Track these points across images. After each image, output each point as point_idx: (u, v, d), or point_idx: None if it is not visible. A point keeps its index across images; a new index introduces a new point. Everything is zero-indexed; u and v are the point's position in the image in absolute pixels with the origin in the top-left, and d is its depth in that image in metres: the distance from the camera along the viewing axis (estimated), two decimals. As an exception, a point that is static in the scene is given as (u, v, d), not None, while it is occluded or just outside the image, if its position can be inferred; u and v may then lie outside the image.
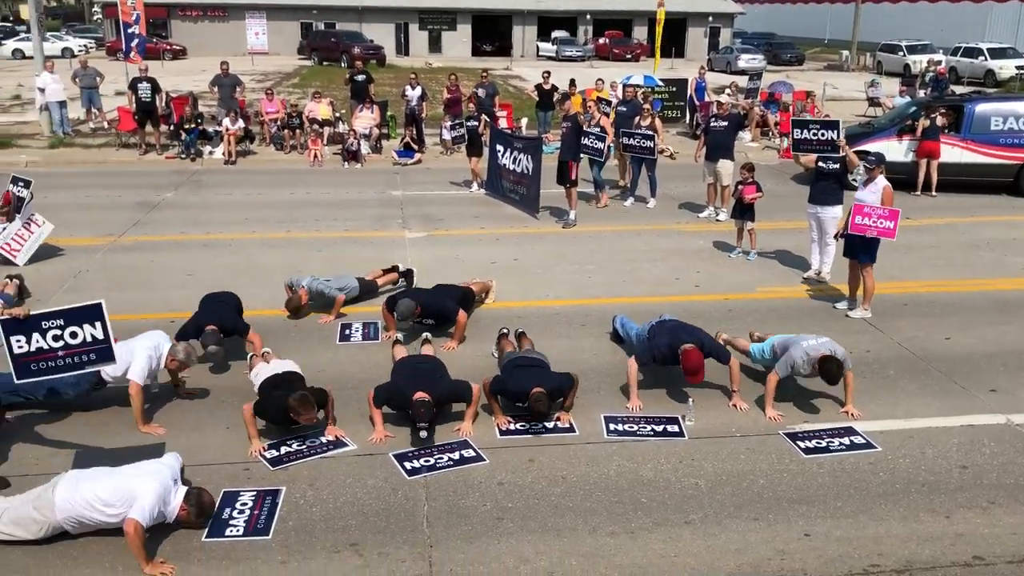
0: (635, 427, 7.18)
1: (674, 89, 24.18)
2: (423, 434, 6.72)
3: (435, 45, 56.78)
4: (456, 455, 6.69)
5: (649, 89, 21.77)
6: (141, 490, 5.37)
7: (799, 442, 6.97)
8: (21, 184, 11.84)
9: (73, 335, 6.02)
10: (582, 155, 14.33)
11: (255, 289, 9.99)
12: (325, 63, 45.82)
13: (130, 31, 22.69)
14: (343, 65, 41.84)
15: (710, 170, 14.15)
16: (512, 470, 6.50)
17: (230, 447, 6.76)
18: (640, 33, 58.01)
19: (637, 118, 15.31)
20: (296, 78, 38.38)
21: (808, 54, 55.93)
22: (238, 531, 5.70)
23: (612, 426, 7.17)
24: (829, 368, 7.15)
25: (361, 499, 6.12)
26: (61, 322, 6.00)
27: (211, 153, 19.21)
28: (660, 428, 7.17)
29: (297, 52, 51.52)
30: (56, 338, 5.99)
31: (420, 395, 6.84)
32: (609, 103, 18.95)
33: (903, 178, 15.87)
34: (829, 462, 6.70)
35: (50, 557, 5.40)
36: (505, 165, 15.42)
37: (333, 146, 19.94)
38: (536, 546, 5.59)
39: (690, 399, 7.34)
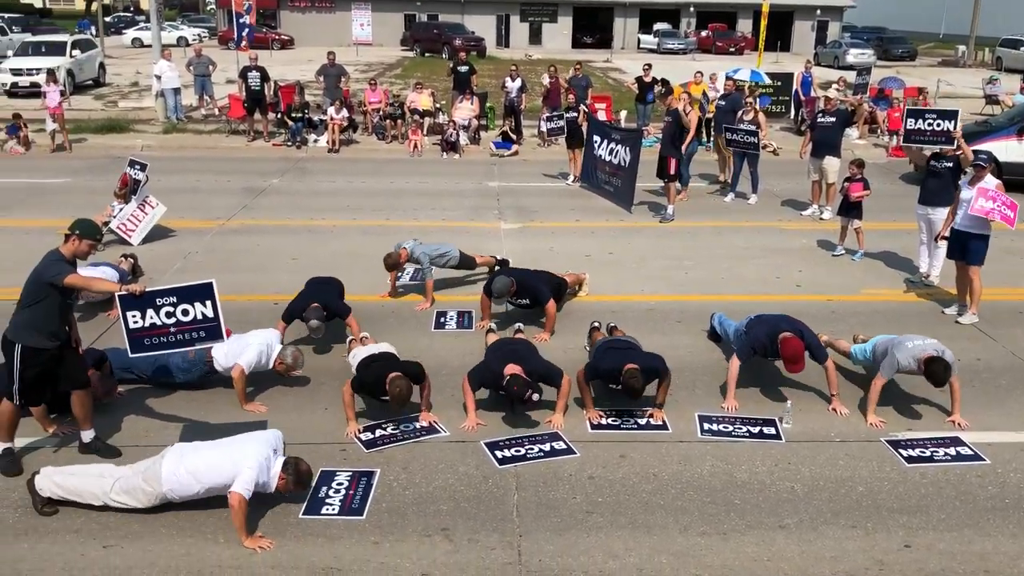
0: (730, 427, 7.05)
1: (779, 83, 23.63)
2: (536, 396, 6.78)
3: (535, 37, 56.89)
4: (547, 447, 6.71)
5: (754, 84, 21.35)
6: (243, 462, 5.54)
7: (901, 450, 6.73)
8: (138, 167, 12.36)
9: (185, 312, 6.24)
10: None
11: (355, 274, 10.19)
12: (427, 54, 46.40)
13: (241, 21, 23.46)
14: (444, 56, 42.31)
15: (815, 167, 13.77)
16: (603, 465, 6.47)
17: (327, 428, 6.93)
18: (744, 26, 56.91)
19: (740, 112, 15.02)
20: (399, 69, 38.98)
21: (921, 49, 53.91)
22: (334, 510, 5.85)
23: (706, 425, 7.07)
24: (935, 369, 6.87)
25: (452, 485, 6.19)
26: (174, 299, 6.22)
27: (315, 141, 19.69)
28: (756, 430, 7.03)
29: (400, 43, 52.30)
30: (169, 315, 6.22)
31: (510, 367, 6.89)
32: (706, 95, 18.66)
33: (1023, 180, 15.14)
34: (933, 472, 6.45)
35: (158, 527, 5.64)
36: (601, 156, 15.33)
37: (432, 136, 20.19)
38: (626, 542, 5.56)
39: (788, 401, 7.16)
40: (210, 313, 6.26)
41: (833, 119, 13.71)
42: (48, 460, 6.30)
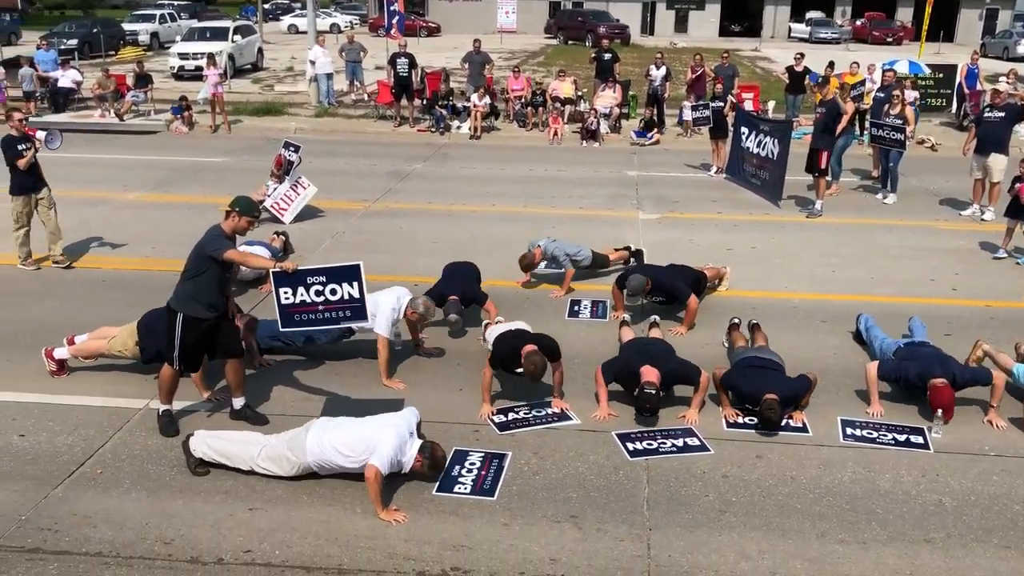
0: (874, 434, 6.75)
1: (940, 75, 22.36)
2: (647, 415, 6.74)
3: (681, 25, 55.83)
4: (680, 442, 6.61)
5: (913, 77, 20.31)
6: (381, 440, 5.72)
7: (1066, 470, 6.29)
8: (292, 149, 12.89)
9: (333, 292, 6.47)
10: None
11: (492, 259, 10.31)
12: (570, 42, 46.33)
13: (392, 8, 24.01)
14: (587, 44, 42.14)
15: (979, 164, 12.96)
16: (738, 464, 6.33)
17: (462, 408, 7.05)
18: (904, 15, 54.05)
19: (886, 106, 14.29)
20: (541, 56, 39.10)
21: (1105, 39, 49.71)
22: (466, 489, 5.96)
23: (849, 430, 6.79)
24: None
25: (583, 473, 6.20)
26: (323, 279, 6.45)
27: (458, 128, 20.02)
28: (903, 438, 6.70)
29: (544, 31, 52.41)
30: (318, 293, 6.47)
31: (647, 371, 6.80)
32: (863, 82, 17.85)
33: None
34: (1102, 496, 6.00)
35: (301, 494, 5.90)
36: (749, 148, 14.93)
37: (573, 124, 20.16)
38: (759, 544, 5.42)
39: (939, 410, 6.80)
40: (356, 294, 6.46)
41: (1001, 114, 12.87)
42: (202, 423, 6.68)
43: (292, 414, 6.81)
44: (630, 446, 6.55)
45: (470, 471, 6.16)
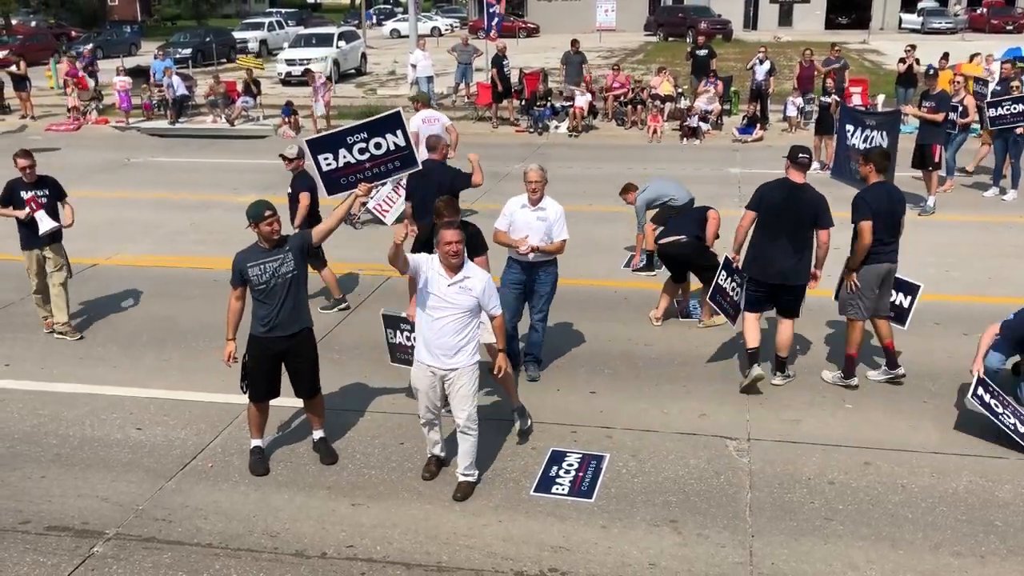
0: (1000, 408, 6.32)
1: (1066, 64, 21.13)
2: None
3: (785, 18, 54.36)
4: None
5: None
6: None
7: None
8: (393, 151, 13.11)
9: (377, 146, 6.34)
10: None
11: (589, 260, 10.28)
12: (670, 39, 45.76)
13: (492, 10, 24.16)
14: (688, 41, 41.54)
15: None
16: (845, 471, 6.12)
17: (559, 409, 7.05)
18: (1026, 1, 51.31)
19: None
20: (640, 54, 38.73)
21: None
22: (563, 490, 5.94)
23: (981, 391, 6.36)
24: None
25: (683, 477, 6.10)
26: (365, 135, 6.32)
27: (556, 128, 20.00)
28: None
29: (643, 28, 51.89)
30: (362, 151, 6.35)
31: None
32: (986, 82, 17.01)
33: None
34: None
35: (401, 490, 5.99)
36: (855, 145, 14.39)
37: (672, 122, 19.90)
38: (868, 554, 5.23)
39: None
40: (402, 142, 6.34)
41: None
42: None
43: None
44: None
45: (568, 472, 6.14)
